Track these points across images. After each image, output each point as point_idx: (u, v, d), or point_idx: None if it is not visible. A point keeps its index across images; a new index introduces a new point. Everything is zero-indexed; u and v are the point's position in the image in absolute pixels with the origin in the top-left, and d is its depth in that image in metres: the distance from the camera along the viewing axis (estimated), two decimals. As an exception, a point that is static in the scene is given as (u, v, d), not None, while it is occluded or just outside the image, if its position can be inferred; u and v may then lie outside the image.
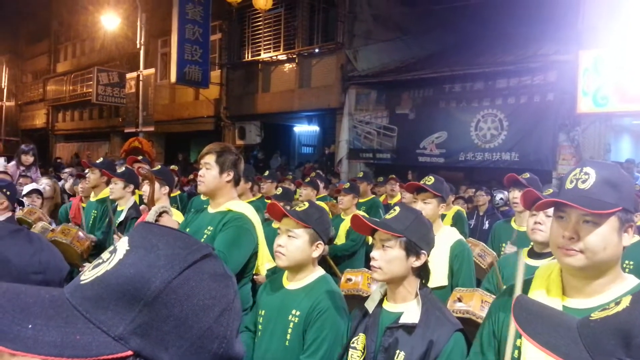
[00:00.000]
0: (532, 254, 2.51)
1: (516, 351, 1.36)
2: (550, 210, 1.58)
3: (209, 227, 2.50)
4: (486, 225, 5.78)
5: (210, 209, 2.60)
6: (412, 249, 1.73)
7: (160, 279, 0.59)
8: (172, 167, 6.96)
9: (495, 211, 6.28)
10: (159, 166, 3.78)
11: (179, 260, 0.61)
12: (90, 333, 0.56)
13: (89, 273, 0.61)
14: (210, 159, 2.54)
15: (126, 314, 0.57)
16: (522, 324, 0.87)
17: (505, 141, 9.47)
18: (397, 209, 1.82)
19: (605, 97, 8.12)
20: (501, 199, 6.58)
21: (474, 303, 2.28)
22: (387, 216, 1.81)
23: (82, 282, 0.60)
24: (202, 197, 3.33)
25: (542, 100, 9.02)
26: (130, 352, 0.56)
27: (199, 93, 15.17)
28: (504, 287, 2.11)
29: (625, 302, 0.81)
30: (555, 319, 0.90)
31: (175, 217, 2.93)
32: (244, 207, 2.57)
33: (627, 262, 2.83)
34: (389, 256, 1.72)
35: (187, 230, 2.57)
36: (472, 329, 2.11)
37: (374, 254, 1.76)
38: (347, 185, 4.92)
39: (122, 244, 0.63)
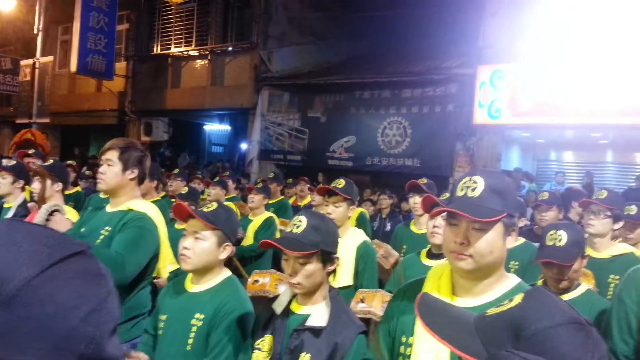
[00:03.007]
0: (431, 255, 2.66)
1: (408, 348, 1.44)
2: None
3: (106, 227, 2.35)
4: (388, 227, 6.03)
5: (109, 208, 2.45)
6: (327, 258, 1.74)
7: (20, 277, 0.55)
8: (68, 162, 6.51)
9: (397, 214, 6.57)
10: (52, 161, 3.50)
11: (42, 257, 0.58)
12: None
13: None
14: (112, 155, 2.40)
15: None
16: (426, 320, 0.92)
17: (409, 147, 9.96)
18: (304, 220, 1.73)
19: (498, 110, 8.81)
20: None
21: (375, 303, 2.37)
22: (295, 230, 1.72)
23: None
24: (102, 195, 3.15)
25: (443, 111, 9.61)
26: None
27: (102, 85, 14.32)
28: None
29: (518, 299, 0.88)
30: (454, 315, 0.97)
31: (70, 216, 2.74)
32: (146, 206, 2.45)
33: (512, 262, 3.08)
34: (307, 272, 1.69)
35: (82, 230, 2.40)
36: (373, 328, 2.20)
37: (291, 271, 1.70)
38: (260, 184, 4.89)
39: None
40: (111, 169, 2.38)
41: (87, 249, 0.63)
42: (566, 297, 2.25)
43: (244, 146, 13.75)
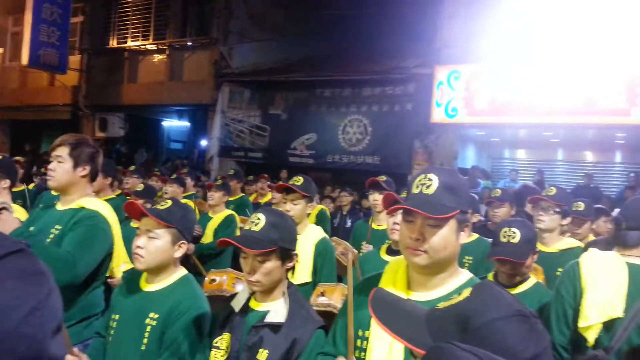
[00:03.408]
0: (390, 251, 2.70)
1: (365, 342, 1.47)
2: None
3: (56, 226, 2.27)
4: (349, 224, 6.08)
5: (60, 206, 2.37)
6: (286, 255, 1.74)
7: None
8: (16, 158, 6.24)
9: (357, 211, 6.63)
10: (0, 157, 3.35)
11: None
12: None
13: None
14: (62, 152, 2.32)
15: None
16: (378, 314, 0.94)
17: (369, 145, 10.08)
18: (262, 218, 1.72)
19: (455, 109, 9.03)
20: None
21: (335, 297, 2.39)
22: (254, 227, 1.71)
23: None
24: (53, 193, 3.04)
25: (402, 109, 9.77)
26: None
27: (55, 79, 13.81)
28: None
29: (466, 292, 0.92)
30: (406, 309, 0.99)
31: (18, 215, 2.63)
32: (98, 204, 2.38)
33: (466, 257, 3.16)
34: (266, 269, 1.69)
35: (31, 228, 2.31)
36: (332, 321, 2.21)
37: (249, 269, 1.70)
38: (219, 182, 4.82)
39: None
40: (61, 166, 2.31)
41: (26, 248, 0.60)
42: (516, 290, 2.34)
43: (203, 143, 13.55)
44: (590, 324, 1.92)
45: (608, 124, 8.10)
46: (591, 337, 1.92)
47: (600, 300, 1.93)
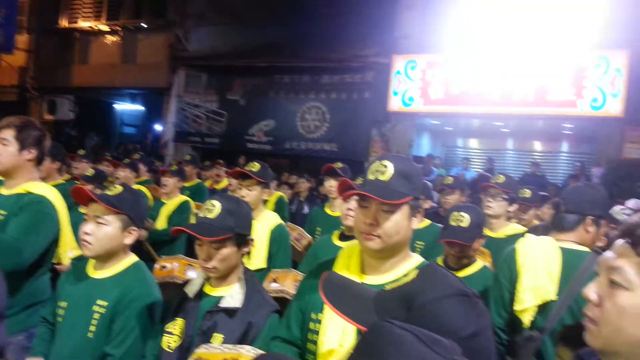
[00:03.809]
0: (342, 237, 2.74)
1: (317, 324, 1.49)
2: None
3: (1, 211, 2.19)
4: (306, 210, 6.11)
5: (5, 190, 2.28)
6: (242, 241, 1.75)
7: None
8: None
9: (315, 197, 6.67)
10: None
11: None
12: None
13: None
14: (8, 134, 2.23)
15: None
16: (328, 295, 0.97)
17: (327, 132, 10.13)
18: (217, 205, 1.71)
19: (411, 99, 9.19)
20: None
21: (288, 283, 2.41)
22: (209, 214, 1.70)
23: None
24: (-3, 178, 2.91)
25: (360, 98, 9.86)
26: None
27: (1, 59, 13.12)
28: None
29: (412, 274, 0.95)
30: (355, 291, 1.03)
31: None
32: (44, 189, 2.30)
33: (418, 242, 3.24)
34: (222, 256, 1.69)
35: (-27, 213, 2.22)
36: (285, 307, 2.23)
37: (205, 256, 1.69)
38: (174, 167, 4.72)
39: None
40: (6, 149, 2.23)
41: None
42: (464, 273, 2.43)
43: (158, 127, 13.23)
44: (526, 307, 2.02)
45: (556, 114, 8.44)
46: (526, 319, 2.03)
47: (535, 284, 2.02)
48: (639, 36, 7.49)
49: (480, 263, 2.52)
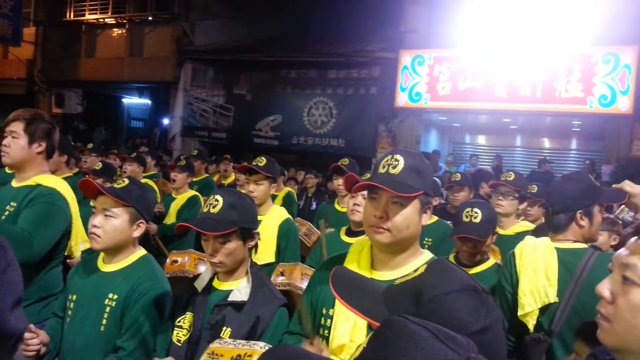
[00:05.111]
0: (350, 233, 2.73)
1: (329, 320, 1.49)
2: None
3: (12, 203, 2.20)
4: (314, 206, 6.10)
5: (15, 183, 2.29)
6: (247, 235, 1.75)
7: None
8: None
9: (323, 193, 6.67)
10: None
11: None
12: None
13: None
14: (17, 127, 2.23)
15: None
16: (338, 289, 0.97)
17: (334, 128, 10.10)
18: (220, 199, 1.72)
19: (419, 94, 9.14)
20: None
21: (295, 276, 2.41)
22: (212, 210, 1.71)
23: None
24: (8, 170, 2.93)
25: (367, 93, 9.82)
26: None
27: (8, 51, 13.18)
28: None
29: (422, 269, 0.95)
30: (365, 285, 1.02)
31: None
32: (55, 181, 2.31)
33: (426, 239, 3.23)
34: (228, 250, 1.70)
35: (-16, 205, 2.23)
36: (293, 300, 2.24)
37: (211, 251, 1.70)
38: (183, 162, 4.73)
39: None
40: (16, 142, 2.23)
41: None
42: (476, 270, 2.42)
43: (165, 121, 13.25)
44: (527, 311, 2.00)
45: (565, 111, 8.38)
46: (530, 323, 2.00)
47: (534, 287, 2.00)
48: (649, 32, 7.42)
49: (492, 260, 2.51)
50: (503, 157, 10.19)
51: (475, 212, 2.39)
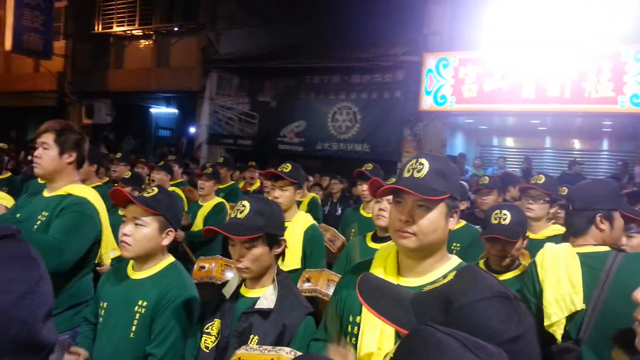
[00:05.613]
0: (375, 238, 2.70)
1: (356, 327, 1.47)
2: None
3: (43, 212, 2.25)
4: (339, 212, 6.09)
5: (47, 193, 2.35)
6: (273, 241, 1.75)
7: None
8: (0, 145, 6.13)
9: (348, 198, 6.65)
10: (-16, 144, 3.30)
11: None
12: None
13: None
14: (48, 138, 2.29)
15: None
16: (365, 296, 0.95)
17: (358, 133, 10.08)
18: (247, 205, 1.74)
19: (444, 97, 9.04)
20: None
21: (320, 282, 2.40)
22: (239, 215, 1.72)
23: None
24: (40, 181, 3.01)
25: (391, 97, 9.77)
26: None
27: (40, 64, 13.58)
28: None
29: (451, 276, 0.93)
30: (393, 292, 1.00)
31: (4, 202, 2.60)
32: (85, 191, 2.36)
33: (454, 244, 3.19)
34: (254, 256, 1.70)
35: (18, 215, 2.28)
36: (319, 307, 2.23)
37: (237, 256, 1.71)
38: (209, 170, 4.78)
39: None
40: (47, 153, 2.28)
41: (17, 233, 0.60)
42: (507, 275, 2.36)
43: (192, 130, 13.44)
44: (554, 320, 1.94)
45: (595, 112, 8.17)
46: (558, 333, 1.94)
47: (558, 296, 1.94)
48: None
49: (523, 266, 2.44)
50: (532, 160, 9.98)
51: (504, 214, 2.34)
